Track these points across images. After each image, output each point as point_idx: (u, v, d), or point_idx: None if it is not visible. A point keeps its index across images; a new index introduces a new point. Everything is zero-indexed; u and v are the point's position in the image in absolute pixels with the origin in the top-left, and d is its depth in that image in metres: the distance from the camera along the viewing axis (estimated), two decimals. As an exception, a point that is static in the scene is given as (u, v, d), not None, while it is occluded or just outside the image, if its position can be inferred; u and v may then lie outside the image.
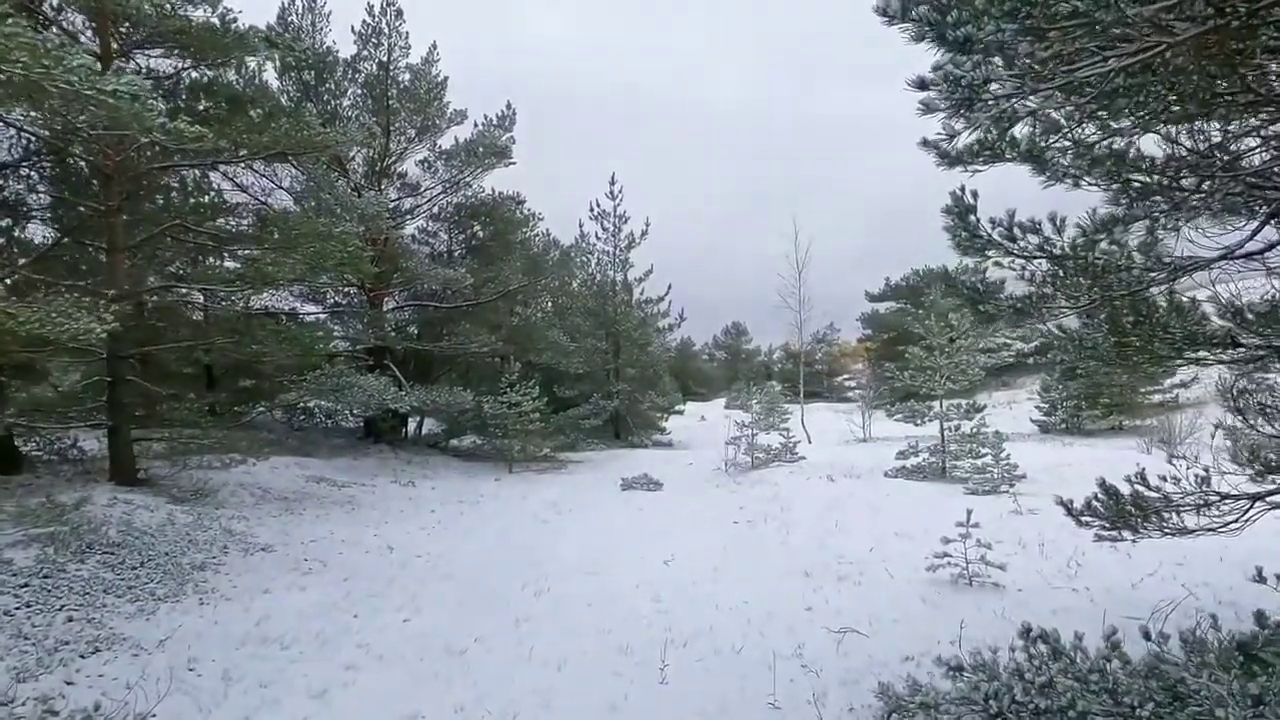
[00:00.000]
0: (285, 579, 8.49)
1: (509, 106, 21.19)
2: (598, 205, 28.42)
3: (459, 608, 7.70)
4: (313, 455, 17.95)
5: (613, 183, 28.25)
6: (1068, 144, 4.67)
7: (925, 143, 4.81)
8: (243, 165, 18.30)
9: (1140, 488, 5.51)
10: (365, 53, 19.76)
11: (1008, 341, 52.93)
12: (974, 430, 16.03)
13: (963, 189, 4.93)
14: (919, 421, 17.16)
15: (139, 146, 11.93)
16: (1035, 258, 4.98)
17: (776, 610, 7.51)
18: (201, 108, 13.03)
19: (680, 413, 32.49)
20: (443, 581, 8.68)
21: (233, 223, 17.13)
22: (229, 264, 15.26)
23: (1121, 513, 5.58)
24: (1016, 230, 4.91)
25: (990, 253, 5.08)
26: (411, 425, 23.90)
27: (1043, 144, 4.63)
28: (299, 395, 16.74)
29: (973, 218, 4.96)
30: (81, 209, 12.10)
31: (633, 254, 28.59)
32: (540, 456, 20.82)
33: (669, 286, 29.79)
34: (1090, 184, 4.83)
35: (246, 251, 13.34)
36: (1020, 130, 4.83)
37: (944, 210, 5.07)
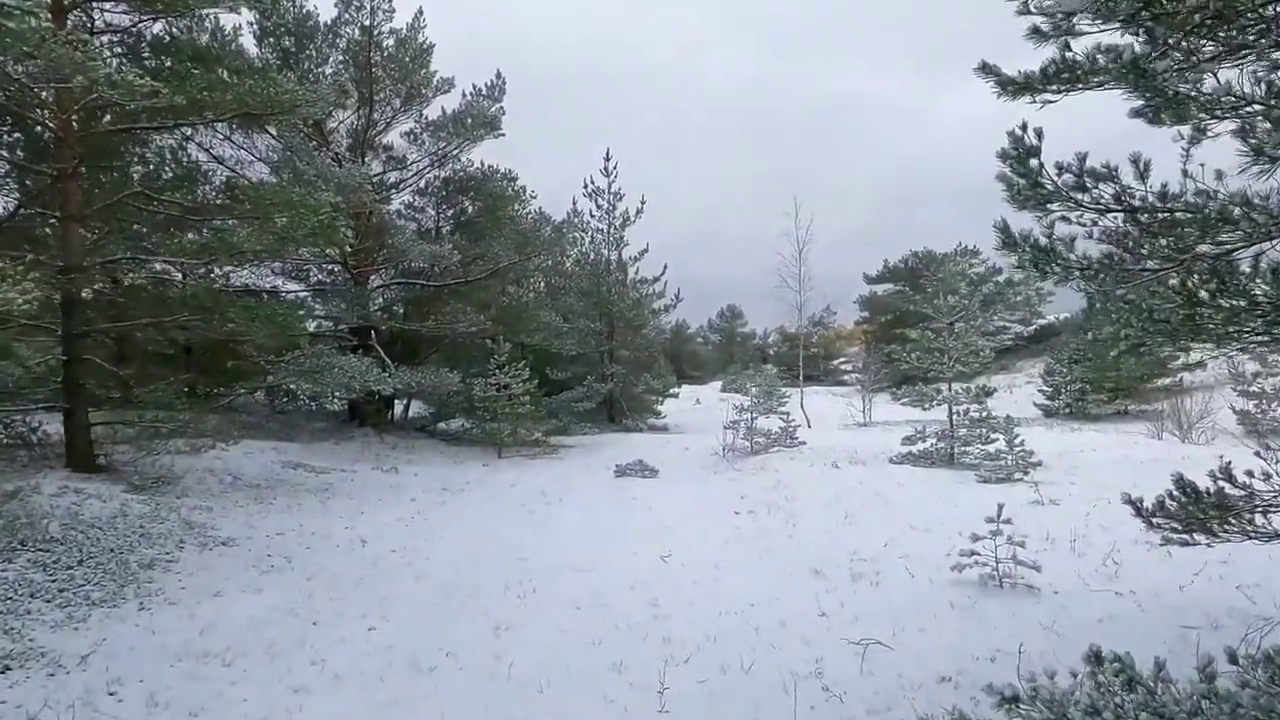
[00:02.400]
0: (242, 578, 7.66)
1: (498, 76, 20.23)
2: (591, 182, 27.50)
3: (432, 612, 6.87)
4: (293, 439, 17.14)
5: (607, 159, 27.30)
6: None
7: (984, 68, 3.97)
8: (215, 132, 17.47)
9: (1225, 484, 4.68)
10: (347, 16, 18.73)
11: (1006, 324, 52.28)
12: (983, 415, 15.27)
13: (1024, 126, 4.09)
14: (926, 406, 16.36)
15: (95, 106, 11.05)
16: (1110, 210, 4.15)
17: (788, 616, 6.72)
18: (166, 66, 12.11)
19: (675, 396, 31.64)
20: (416, 581, 7.85)
21: (205, 194, 16.27)
22: (198, 237, 14.36)
23: (1200, 513, 4.76)
24: (1088, 178, 4.08)
25: (1053, 205, 4.25)
26: (398, 408, 23.06)
27: (1156, 63, 3.74)
28: (278, 377, 15.90)
29: (1034, 162, 4.13)
30: (35, 175, 11.20)
31: (628, 233, 27.71)
32: (531, 441, 20.01)
33: (665, 266, 28.99)
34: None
35: (217, 223, 12.44)
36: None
37: (1000, 154, 4.23)
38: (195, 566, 7.92)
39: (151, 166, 15.70)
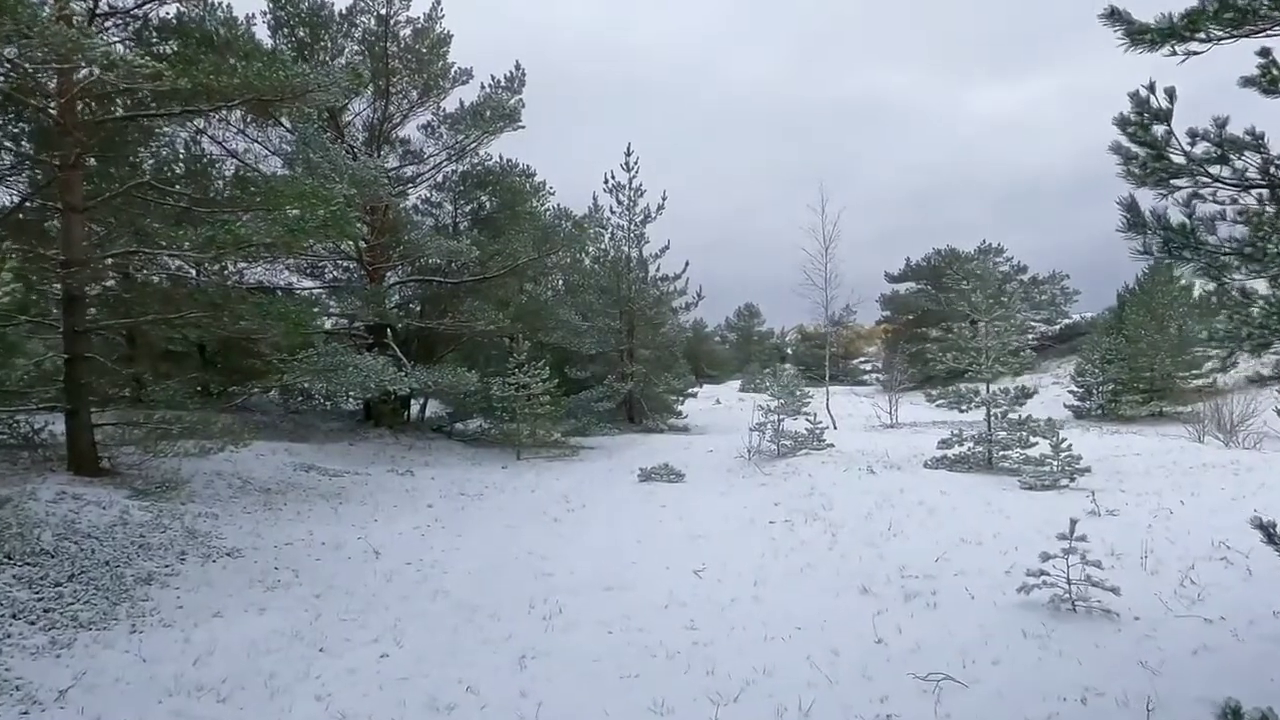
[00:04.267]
0: (245, 595, 7.09)
1: (518, 67, 19.65)
2: (612, 177, 26.81)
3: (451, 637, 6.28)
4: (306, 440, 16.67)
5: (628, 154, 26.63)
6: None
7: (1111, 14, 3.32)
8: (228, 125, 17.04)
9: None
10: (363, 5, 18.21)
11: (1033, 324, 51.21)
12: (1023, 417, 14.57)
13: (1151, 86, 3.45)
14: (964, 408, 15.65)
15: (100, 94, 10.55)
16: (1253, 186, 3.49)
17: (841, 642, 6.08)
18: (173, 52, 11.59)
19: (694, 395, 30.98)
20: (434, 599, 7.26)
21: (217, 188, 15.80)
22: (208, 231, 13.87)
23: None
24: (1228, 147, 3.42)
25: (1180, 181, 3.60)
26: (415, 408, 22.52)
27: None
28: (291, 376, 15.40)
29: (1161, 128, 3.48)
30: (42, 166, 10.71)
31: (649, 230, 27.05)
32: (550, 442, 19.43)
33: (686, 263, 28.23)
34: None
35: (226, 216, 11.92)
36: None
37: (1117, 121, 3.59)
38: (196, 581, 7.37)
39: (164, 157, 15.25)
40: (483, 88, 19.57)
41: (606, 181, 26.77)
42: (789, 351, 65.89)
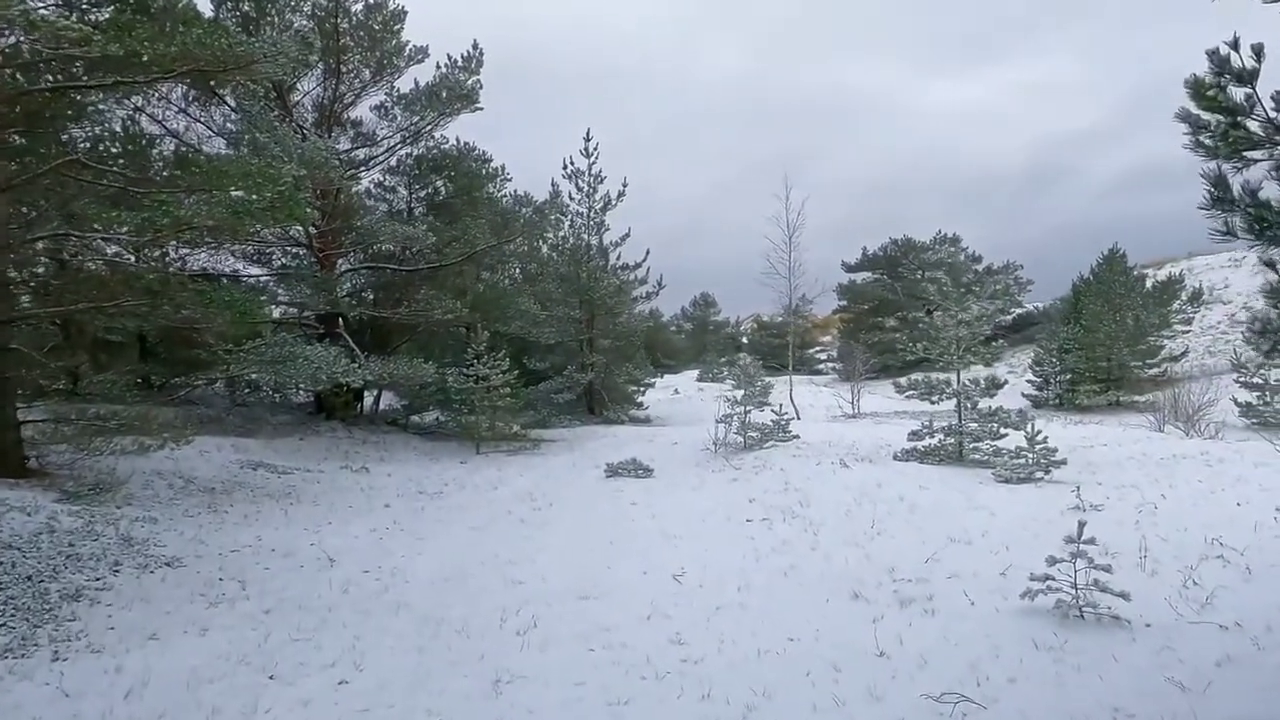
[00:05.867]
0: (185, 613, 6.42)
1: (475, 46, 18.89)
2: (571, 163, 26.12)
3: (417, 658, 5.70)
4: (254, 435, 15.86)
5: (588, 139, 25.94)
6: None
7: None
8: (169, 104, 16.16)
9: None
10: (311, -25, 17.35)
11: (976, 312, 51.57)
12: (994, 408, 14.36)
13: (1234, 42, 3.01)
14: (936, 399, 15.37)
15: (24, 63, 9.71)
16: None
17: (840, 656, 5.65)
18: (105, 19, 10.73)
19: (652, 385, 30.55)
20: (396, 613, 6.66)
21: (156, 168, 14.89)
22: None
23: None
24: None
25: (1255, 154, 3.18)
26: (368, 400, 21.73)
27: None
28: (237, 367, 14.60)
29: (1242, 91, 3.06)
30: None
31: (609, 217, 26.47)
32: (510, 435, 18.81)
33: (647, 252, 27.78)
34: None
35: (163, 196, 11.12)
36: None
37: (1189, 85, 3.15)
38: (130, 596, 6.69)
39: (98, 135, 14.27)
40: (439, 67, 18.81)
41: (566, 167, 26.12)
42: (744, 341, 65.87)
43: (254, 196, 9.22)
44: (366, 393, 21.07)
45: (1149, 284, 33.30)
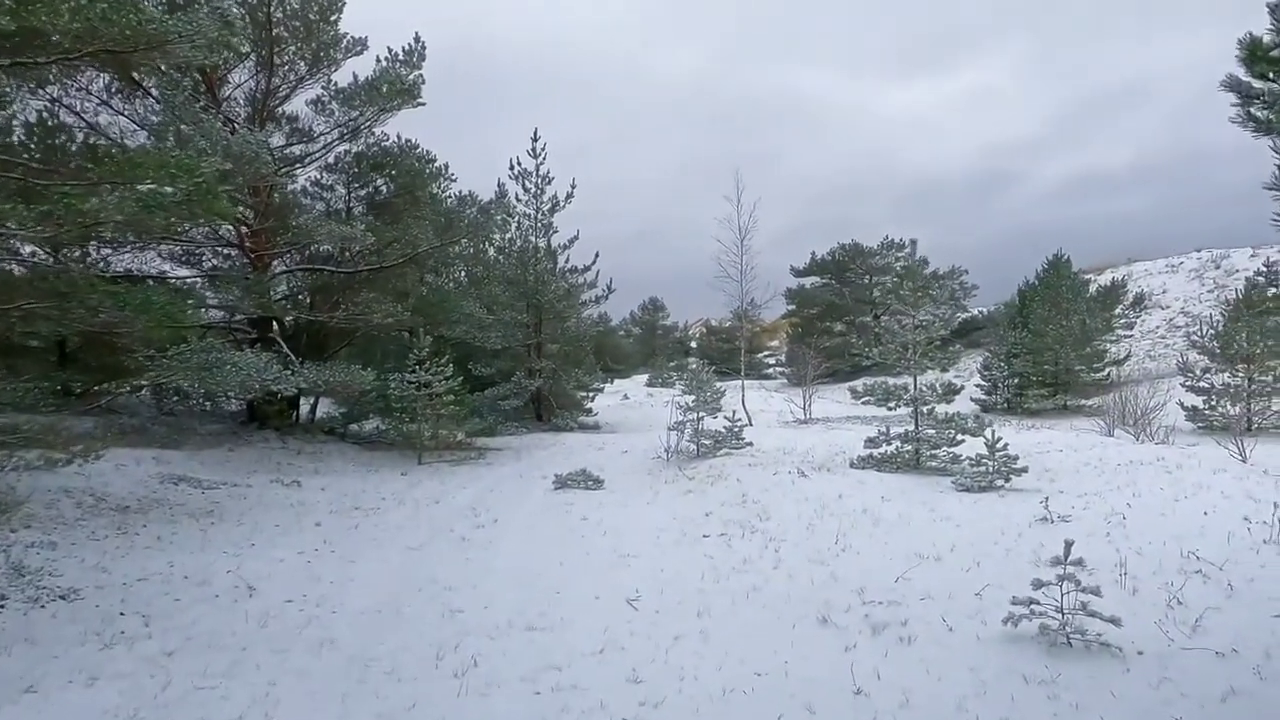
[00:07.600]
0: (73, 657, 5.62)
1: (417, 39, 18.05)
2: (518, 163, 25.44)
3: (340, 708, 5.00)
4: (180, 446, 14.88)
5: (535, 139, 25.29)
6: None
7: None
8: (80, 90, 15.14)
9: None
10: (240, -42, 16.41)
11: (934, 316, 51.97)
12: (950, 414, 14.09)
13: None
14: (892, 405, 15.04)
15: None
16: None
17: (813, 695, 5.11)
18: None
19: (601, 390, 30.01)
20: (319, 652, 5.93)
21: (66, 160, 13.87)
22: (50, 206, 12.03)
23: None
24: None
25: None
26: (304, 408, 20.76)
27: None
28: (160, 375, 13.65)
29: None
30: None
31: (558, 220, 25.88)
32: (454, 444, 18.08)
33: (596, 255, 27.20)
34: None
35: (67, 188, 10.21)
36: None
37: (1243, 46, 2.68)
38: (13, 637, 5.87)
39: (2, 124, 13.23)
40: (379, 61, 17.97)
41: (513, 168, 25.42)
42: (694, 345, 65.69)
43: (168, 189, 8.40)
44: (303, 400, 20.11)
45: (1092, 289, 33.71)
